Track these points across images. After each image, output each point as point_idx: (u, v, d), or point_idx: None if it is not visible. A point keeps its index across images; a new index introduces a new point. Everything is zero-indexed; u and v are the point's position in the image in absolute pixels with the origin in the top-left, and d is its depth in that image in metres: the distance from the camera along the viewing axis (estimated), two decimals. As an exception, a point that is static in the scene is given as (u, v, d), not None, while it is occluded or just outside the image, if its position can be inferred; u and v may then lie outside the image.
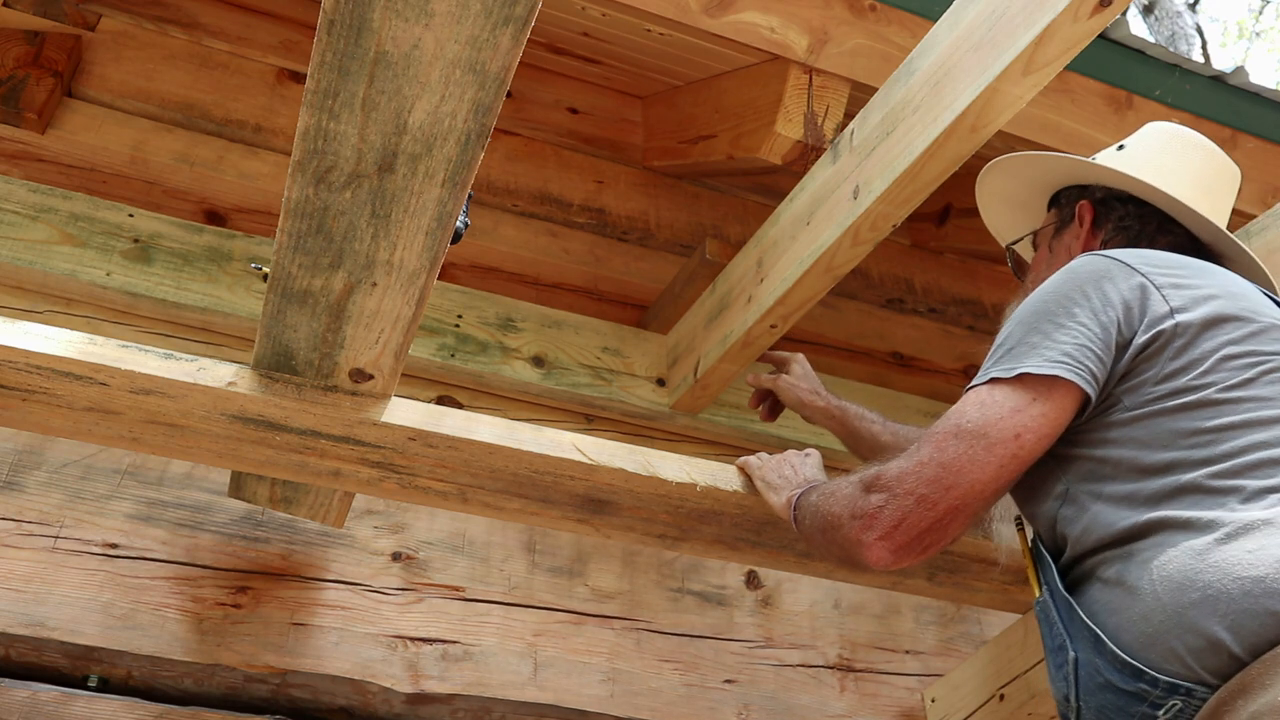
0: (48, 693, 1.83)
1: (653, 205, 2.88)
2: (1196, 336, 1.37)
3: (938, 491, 1.32)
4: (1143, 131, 1.82)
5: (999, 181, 1.87)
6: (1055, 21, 1.51)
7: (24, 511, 1.97)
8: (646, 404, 2.47)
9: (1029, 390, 1.36)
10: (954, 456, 1.33)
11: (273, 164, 2.53)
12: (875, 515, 1.35)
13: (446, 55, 1.05)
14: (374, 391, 1.56)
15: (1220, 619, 1.16)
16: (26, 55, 2.40)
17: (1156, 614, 1.22)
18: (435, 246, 1.30)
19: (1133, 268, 1.43)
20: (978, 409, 1.36)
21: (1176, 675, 1.18)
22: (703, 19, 2.21)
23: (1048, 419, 1.35)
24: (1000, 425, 1.34)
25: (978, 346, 3.04)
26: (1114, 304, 1.39)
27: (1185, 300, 1.40)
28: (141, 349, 1.51)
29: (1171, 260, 1.47)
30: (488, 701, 2.06)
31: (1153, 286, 1.41)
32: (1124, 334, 1.38)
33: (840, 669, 2.35)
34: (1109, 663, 1.25)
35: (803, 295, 2.09)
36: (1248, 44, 12.70)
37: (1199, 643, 1.17)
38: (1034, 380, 1.36)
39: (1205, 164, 1.75)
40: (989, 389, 1.38)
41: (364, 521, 2.17)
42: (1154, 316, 1.38)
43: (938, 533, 1.33)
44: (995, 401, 1.36)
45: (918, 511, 1.33)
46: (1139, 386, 1.36)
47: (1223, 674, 1.15)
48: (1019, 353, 1.39)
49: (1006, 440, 1.33)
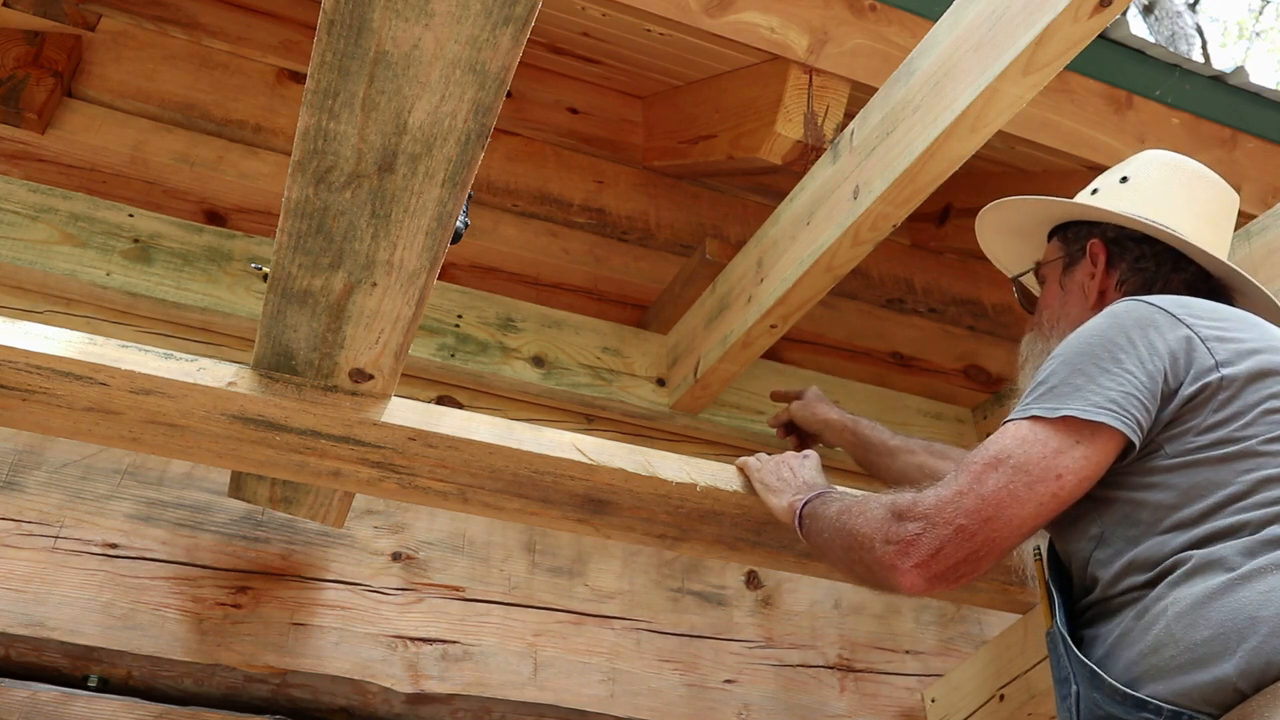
0: (48, 693, 1.83)
1: (653, 205, 2.88)
2: (1241, 390, 1.38)
3: (976, 523, 1.33)
4: (1143, 161, 1.80)
5: (999, 211, 1.87)
6: (1055, 21, 1.51)
7: (24, 511, 1.97)
8: (646, 404, 2.47)
9: (1072, 433, 1.36)
10: (993, 490, 1.34)
11: (273, 164, 2.53)
12: (912, 543, 1.35)
13: (446, 55, 1.05)
14: (374, 391, 1.56)
15: (1229, 655, 1.19)
16: (26, 55, 2.41)
17: (1168, 648, 1.25)
18: (435, 246, 1.30)
19: (1178, 319, 1.44)
20: (1019, 444, 1.37)
21: (1180, 705, 1.21)
22: (703, 19, 2.21)
23: (1090, 462, 1.36)
24: (1043, 464, 1.35)
25: (978, 346, 3.04)
26: (1160, 354, 1.40)
27: (1230, 354, 1.41)
28: (141, 349, 1.51)
29: (1214, 311, 1.48)
30: (488, 701, 2.06)
31: (1198, 339, 1.42)
32: (1170, 384, 1.39)
33: (840, 669, 2.35)
34: (1108, 697, 1.28)
35: (803, 295, 2.09)
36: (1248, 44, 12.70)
37: (1206, 677, 1.20)
38: (1077, 424, 1.36)
39: (1210, 196, 1.75)
40: (1030, 425, 1.38)
41: (364, 521, 2.17)
42: (1200, 369, 1.39)
43: (972, 564, 1.34)
44: (1038, 439, 1.37)
45: (955, 542, 1.33)
46: (1182, 435, 1.37)
47: (1225, 706, 1.18)
48: (1062, 393, 1.39)
49: (1048, 480, 1.34)
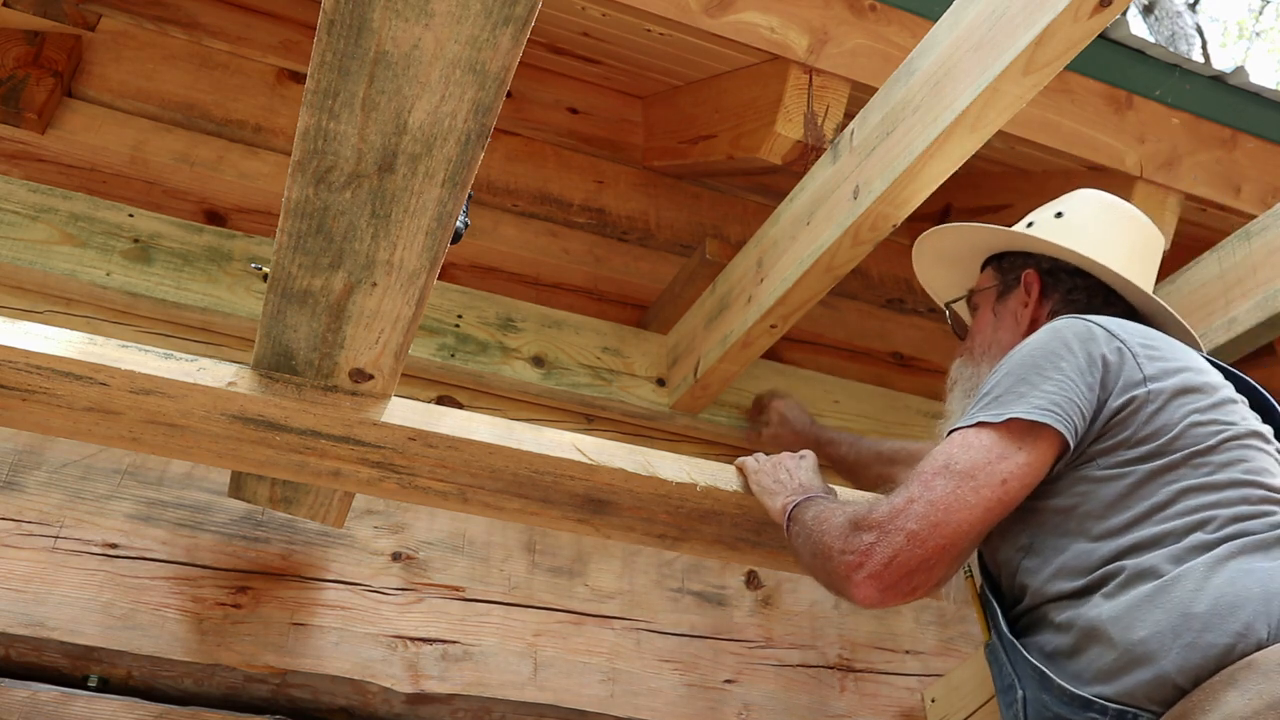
0: (48, 693, 1.83)
1: (653, 205, 2.88)
2: (1166, 404, 1.43)
3: (926, 529, 1.35)
4: (1079, 200, 1.87)
5: (938, 238, 1.93)
6: (1055, 21, 1.51)
7: (24, 511, 1.97)
8: (646, 404, 2.47)
9: (1015, 438, 1.40)
10: (941, 495, 1.36)
11: (273, 164, 2.53)
12: (866, 553, 1.37)
13: (446, 55, 1.05)
14: (374, 391, 1.56)
15: (1165, 653, 1.24)
16: (26, 55, 2.41)
17: (1109, 652, 1.29)
18: (435, 246, 1.30)
19: (1113, 334, 1.50)
20: (964, 450, 1.40)
21: (1124, 703, 1.25)
22: (703, 19, 2.21)
23: (1031, 467, 1.40)
24: (988, 469, 1.38)
25: (978, 346, 3.04)
26: (1096, 364, 1.45)
27: (1157, 370, 1.47)
28: (141, 349, 1.51)
29: (1144, 332, 1.55)
30: (488, 701, 2.06)
31: (1130, 354, 1.48)
32: (1101, 394, 1.44)
33: (840, 669, 2.35)
34: (1056, 698, 1.32)
35: (803, 295, 2.09)
36: (1248, 44, 12.69)
37: (1147, 675, 1.24)
38: (1020, 427, 1.40)
39: (1139, 236, 1.83)
40: (975, 432, 1.42)
41: (364, 521, 2.17)
42: (1129, 381, 1.45)
43: (925, 573, 1.36)
44: (983, 445, 1.40)
45: (907, 549, 1.35)
46: (1114, 448, 1.42)
47: (1167, 702, 1.23)
48: (1006, 400, 1.43)
49: (994, 484, 1.37)
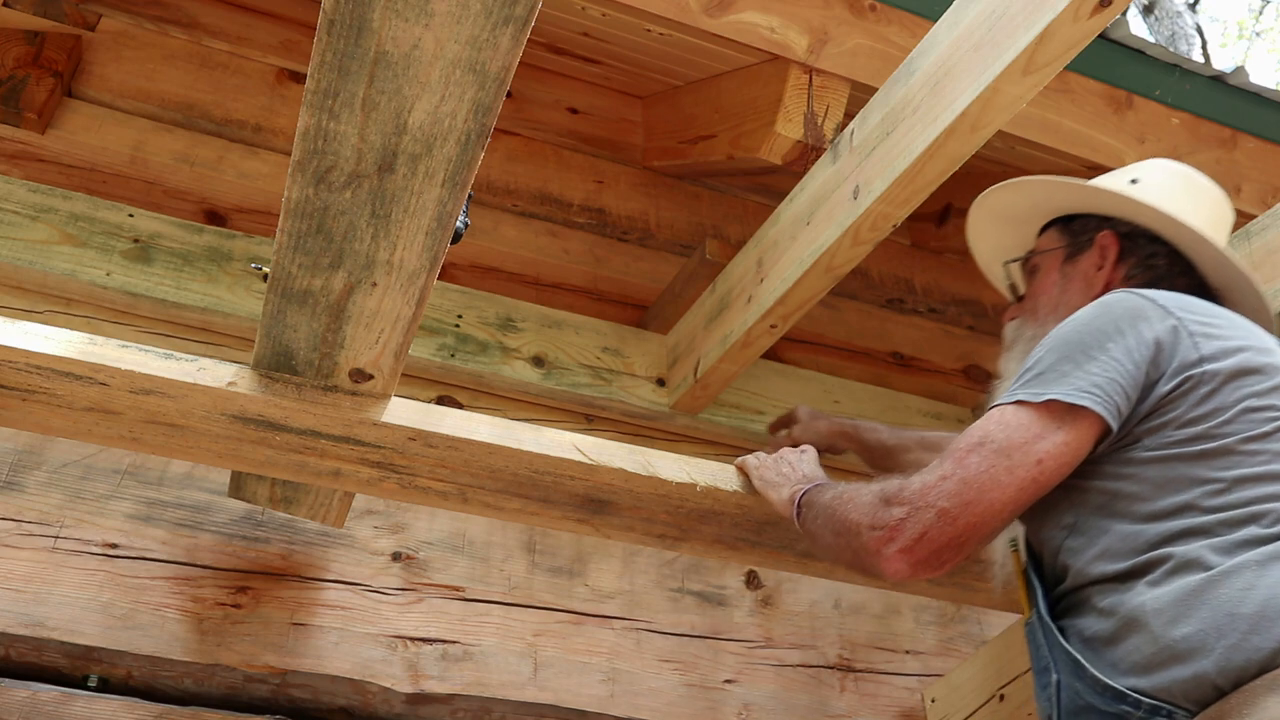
0: (48, 693, 1.83)
1: (653, 205, 2.88)
2: (1222, 386, 1.38)
3: (958, 506, 1.33)
4: (1152, 167, 1.81)
5: (1005, 195, 1.86)
6: (1055, 21, 1.51)
7: (24, 511, 1.97)
8: (646, 404, 2.47)
9: (1054, 418, 1.37)
10: (975, 473, 1.34)
11: (273, 164, 2.53)
12: (897, 528, 1.35)
13: (446, 55, 1.05)
14: (374, 391, 1.56)
15: (1207, 652, 1.20)
16: (26, 55, 2.40)
17: (1148, 644, 1.26)
18: (435, 246, 1.30)
19: (1168, 310, 1.45)
20: (1002, 429, 1.38)
21: (1159, 699, 1.22)
22: (703, 19, 2.21)
23: (1069, 447, 1.37)
24: (1024, 448, 1.35)
25: (978, 346, 3.04)
26: (1147, 343, 1.41)
27: (1215, 349, 1.41)
28: (141, 349, 1.50)
29: (1205, 308, 1.49)
30: (488, 701, 2.06)
31: (1185, 332, 1.42)
32: (1151, 375, 1.40)
33: (840, 669, 2.35)
34: (1089, 687, 1.29)
35: (803, 295, 2.09)
36: (1248, 44, 12.69)
37: (1185, 673, 1.21)
38: (1060, 408, 1.37)
39: (1215, 208, 1.76)
40: (1015, 410, 1.39)
41: (364, 521, 2.17)
42: (1183, 361, 1.40)
43: (955, 549, 1.34)
44: (1021, 424, 1.37)
45: (938, 526, 1.33)
46: (1161, 428, 1.38)
47: (1204, 702, 1.20)
48: (1048, 379, 1.40)
49: (1028, 464, 1.35)
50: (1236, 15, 14.82)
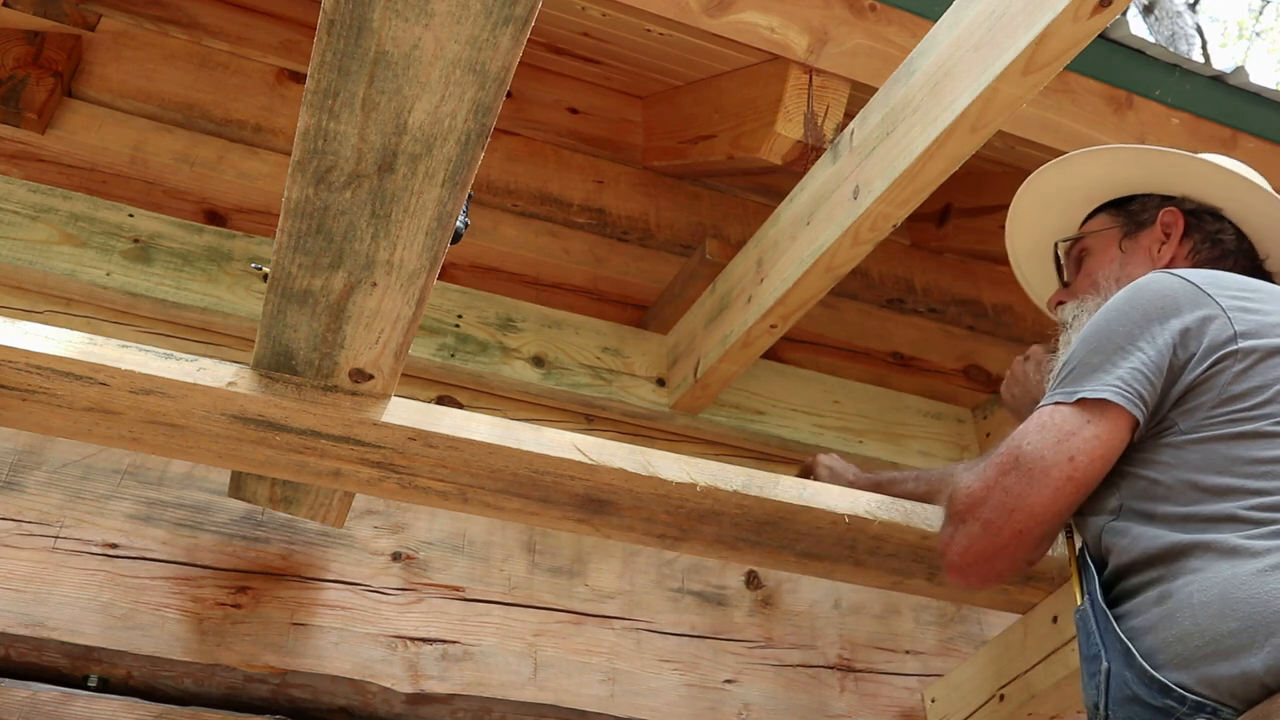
0: (48, 693, 1.82)
1: (653, 205, 2.88)
2: (1259, 363, 1.36)
3: (1001, 517, 1.37)
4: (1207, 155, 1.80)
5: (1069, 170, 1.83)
6: (1055, 21, 1.50)
7: (24, 511, 1.97)
8: (646, 404, 2.47)
9: (1084, 413, 1.39)
10: (1014, 481, 1.38)
11: (273, 164, 2.53)
12: (949, 542, 1.43)
13: (446, 55, 1.05)
14: (374, 391, 1.56)
15: (1255, 649, 1.17)
16: (26, 55, 2.40)
17: (1193, 637, 1.23)
18: (435, 246, 1.30)
19: (1202, 289, 1.43)
20: (1037, 432, 1.41)
21: (1204, 696, 1.20)
22: (703, 19, 2.21)
23: (1101, 441, 1.38)
24: (1056, 448, 1.38)
25: (978, 346, 3.04)
26: (1173, 328, 1.40)
27: (1251, 325, 1.39)
28: (141, 349, 1.50)
29: (1243, 283, 1.47)
30: (488, 701, 2.06)
31: (1220, 309, 1.41)
32: (1179, 357, 1.39)
33: (840, 669, 2.35)
34: (1138, 677, 1.27)
35: (803, 295, 2.09)
36: (1248, 44, 12.69)
37: (1232, 670, 1.18)
38: (1089, 403, 1.39)
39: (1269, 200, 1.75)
40: (1051, 411, 1.42)
41: (364, 521, 2.17)
42: (1214, 341, 1.38)
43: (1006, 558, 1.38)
44: (1054, 424, 1.40)
45: (984, 537, 1.38)
46: (1195, 410, 1.37)
47: (1250, 700, 1.17)
48: (1078, 375, 1.43)
49: (1061, 463, 1.37)
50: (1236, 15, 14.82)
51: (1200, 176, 1.72)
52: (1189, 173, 1.73)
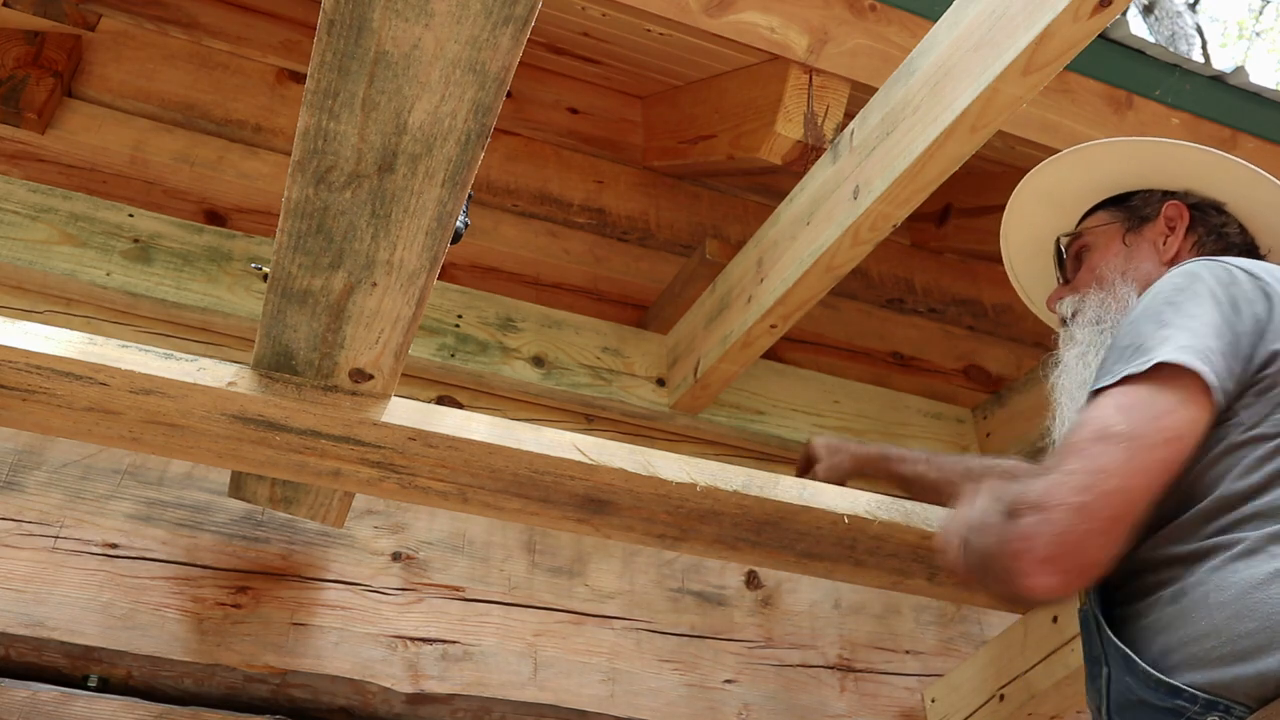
0: (48, 693, 1.83)
1: (653, 205, 2.88)
2: None
3: (1097, 498, 1.20)
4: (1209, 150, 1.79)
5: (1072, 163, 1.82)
6: (1055, 21, 1.50)
7: (24, 511, 1.97)
8: (646, 404, 2.47)
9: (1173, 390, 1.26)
10: (1106, 463, 1.22)
11: (273, 164, 2.53)
12: (1031, 538, 1.20)
13: (446, 55, 1.05)
14: (374, 391, 1.56)
15: (1273, 650, 1.15)
16: (26, 55, 2.40)
17: (1209, 638, 1.20)
18: (435, 246, 1.30)
19: (1255, 275, 1.37)
20: (1120, 412, 1.26)
21: (1218, 695, 1.17)
22: (703, 19, 2.21)
23: (1197, 425, 1.26)
24: (1156, 426, 1.24)
25: (978, 346, 3.04)
26: (1244, 314, 1.33)
27: None
28: (141, 349, 1.50)
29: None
30: (488, 701, 2.06)
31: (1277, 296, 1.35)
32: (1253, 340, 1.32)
33: (840, 669, 2.35)
34: (1141, 682, 1.24)
35: (803, 295, 2.09)
36: (1248, 44, 12.69)
37: (1248, 670, 1.16)
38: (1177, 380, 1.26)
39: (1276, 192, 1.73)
40: (1126, 390, 1.27)
41: (364, 521, 2.17)
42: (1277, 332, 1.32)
43: (1100, 548, 1.21)
44: (1142, 403, 1.26)
45: (1079, 523, 1.19)
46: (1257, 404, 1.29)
47: (1265, 700, 1.15)
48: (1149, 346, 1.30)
49: (1158, 445, 1.24)
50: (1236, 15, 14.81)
51: (1204, 170, 1.72)
52: (1192, 167, 1.73)
